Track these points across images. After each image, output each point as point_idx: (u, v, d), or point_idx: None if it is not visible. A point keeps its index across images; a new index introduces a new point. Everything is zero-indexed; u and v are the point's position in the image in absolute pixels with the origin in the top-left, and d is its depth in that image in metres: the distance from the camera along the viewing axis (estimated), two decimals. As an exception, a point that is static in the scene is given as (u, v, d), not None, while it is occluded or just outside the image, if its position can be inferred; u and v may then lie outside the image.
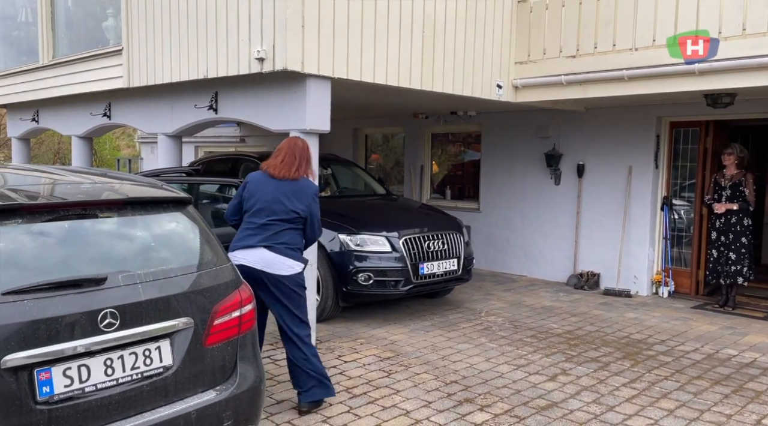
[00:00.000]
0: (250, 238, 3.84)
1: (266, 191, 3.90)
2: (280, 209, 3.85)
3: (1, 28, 9.29)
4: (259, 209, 3.87)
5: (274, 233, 3.84)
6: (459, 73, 6.28)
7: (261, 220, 3.85)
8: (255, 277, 3.78)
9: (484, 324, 6.23)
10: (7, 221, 2.46)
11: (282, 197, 3.87)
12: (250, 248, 3.83)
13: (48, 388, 2.31)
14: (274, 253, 3.82)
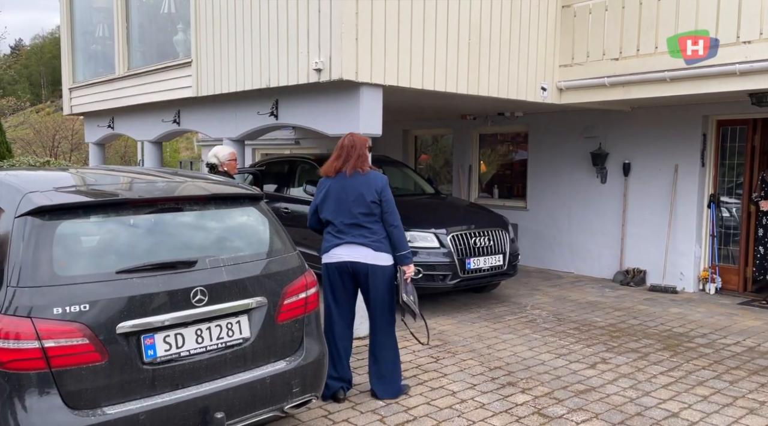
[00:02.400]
0: (337, 237, 4.14)
1: (335, 192, 4.13)
2: (354, 206, 4.05)
3: (80, 42, 10.15)
4: (335, 211, 4.14)
5: (358, 229, 4.07)
6: (504, 77, 6.58)
7: (341, 220, 4.11)
8: (351, 272, 4.11)
9: (529, 317, 6.50)
10: (118, 213, 2.97)
11: (354, 194, 4.06)
12: (339, 245, 4.13)
13: (152, 351, 2.80)
14: (364, 247, 4.06)
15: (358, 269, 4.12)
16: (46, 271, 2.62)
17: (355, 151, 4.17)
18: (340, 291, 4.22)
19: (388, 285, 4.16)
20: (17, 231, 2.69)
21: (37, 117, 34.75)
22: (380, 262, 4.10)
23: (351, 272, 4.14)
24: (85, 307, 2.61)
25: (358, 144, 4.20)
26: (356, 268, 4.12)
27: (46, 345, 2.51)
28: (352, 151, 4.17)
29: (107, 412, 2.62)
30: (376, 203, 4.07)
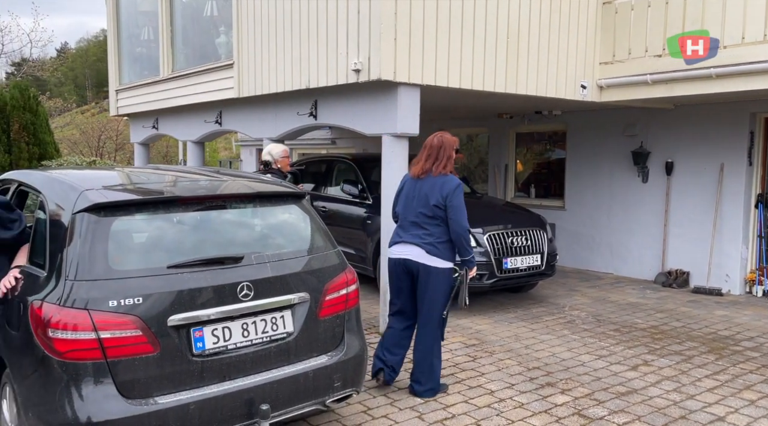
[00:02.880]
0: (398, 235, 4.25)
1: (408, 191, 4.22)
2: (418, 206, 4.10)
3: (126, 45, 10.48)
4: (403, 208, 4.25)
5: (420, 229, 4.11)
6: (543, 76, 6.52)
7: (406, 218, 4.20)
8: (405, 269, 4.18)
9: (567, 317, 6.43)
10: (167, 210, 3.09)
11: (420, 195, 4.11)
12: (398, 244, 4.23)
13: (201, 344, 2.89)
14: (417, 247, 4.09)
15: (411, 267, 4.18)
16: (102, 266, 2.75)
17: (445, 152, 4.16)
18: (396, 285, 4.31)
19: (438, 287, 4.13)
20: (74, 227, 2.82)
21: (83, 118, 35.95)
22: (432, 263, 4.09)
23: (406, 270, 4.20)
24: (138, 301, 2.72)
25: (447, 145, 4.17)
26: (409, 266, 4.18)
27: (102, 336, 2.63)
28: (441, 152, 4.16)
29: (159, 402, 2.72)
30: (439, 207, 4.06)
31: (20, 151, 11.18)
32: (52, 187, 3.25)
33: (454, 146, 4.20)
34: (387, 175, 5.76)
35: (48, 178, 3.42)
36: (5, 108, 11.14)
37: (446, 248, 4.12)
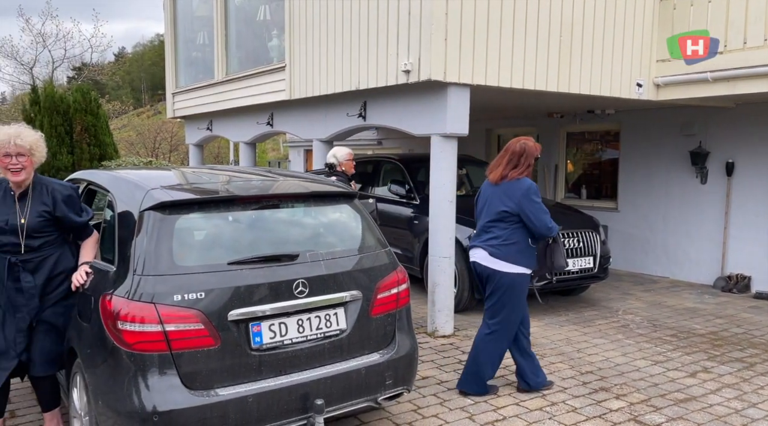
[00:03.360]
0: (474, 238, 4.27)
1: (484, 195, 4.24)
2: (491, 211, 4.10)
3: (183, 50, 10.83)
4: (479, 212, 4.28)
5: (487, 233, 4.12)
6: (597, 74, 6.39)
7: (481, 222, 4.23)
8: (481, 273, 4.20)
9: (621, 322, 6.28)
10: (227, 209, 3.19)
11: (492, 199, 4.11)
12: (471, 248, 4.26)
13: (259, 338, 2.98)
14: (488, 253, 4.09)
15: (478, 270, 4.20)
16: (167, 261, 2.86)
17: (526, 160, 4.10)
18: (480, 287, 4.33)
19: (502, 290, 4.09)
20: (141, 224, 2.95)
21: (139, 120, 37.32)
22: (497, 266, 4.07)
23: (478, 273, 4.22)
24: (200, 295, 2.82)
25: (529, 153, 4.11)
26: (478, 269, 4.20)
27: (167, 329, 2.74)
28: (522, 159, 4.10)
29: (220, 393, 2.82)
30: (508, 212, 4.02)
31: (82, 152, 11.69)
32: (119, 187, 3.41)
33: (535, 154, 4.13)
34: (435, 176, 5.77)
35: (115, 178, 3.58)
36: (68, 110, 11.68)
37: (515, 251, 4.05)
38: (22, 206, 3.22)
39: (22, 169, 3.18)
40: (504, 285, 4.08)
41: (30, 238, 3.22)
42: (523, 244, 4.07)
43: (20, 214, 3.20)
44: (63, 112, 11.57)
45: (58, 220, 3.32)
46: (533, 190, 4.03)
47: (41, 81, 23.84)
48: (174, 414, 2.71)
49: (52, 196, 3.31)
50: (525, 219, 4.00)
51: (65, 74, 34.71)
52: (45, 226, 3.27)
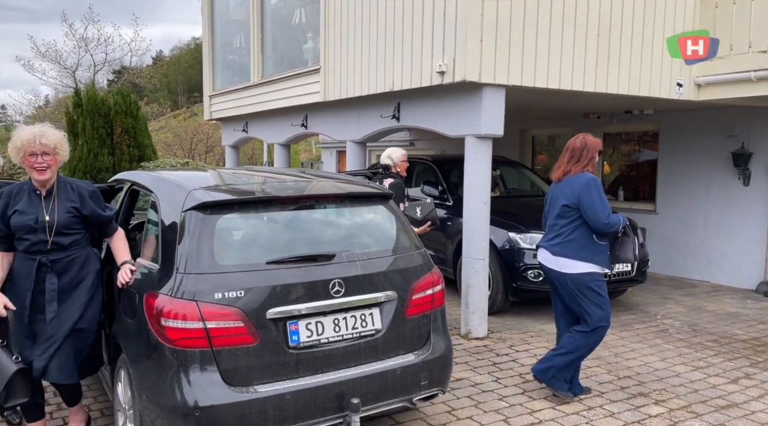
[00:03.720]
0: (541, 239, 4.21)
1: (549, 196, 4.18)
2: (553, 209, 4.05)
3: (220, 53, 11.03)
4: (546, 213, 4.24)
5: (551, 233, 4.07)
6: (635, 74, 6.28)
7: (546, 222, 4.20)
8: (548, 275, 4.15)
9: (660, 326, 6.15)
10: (265, 209, 3.24)
11: (556, 196, 4.05)
12: (539, 248, 4.21)
13: (296, 337, 3.02)
14: (550, 252, 4.04)
15: (545, 271, 4.15)
16: (208, 260, 2.93)
17: (587, 154, 4.01)
18: (553, 290, 4.25)
19: (571, 290, 3.97)
20: (184, 224, 3.02)
21: (175, 122, 38.10)
22: (560, 267, 3.99)
23: (546, 274, 4.19)
24: (240, 294, 2.88)
25: (590, 146, 4.02)
26: (544, 270, 4.16)
27: (208, 326, 2.81)
28: (584, 154, 4.01)
29: (258, 390, 2.87)
30: (569, 207, 3.94)
31: (122, 153, 12.02)
32: (161, 187, 3.50)
33: (597, 148, 4.03)
34: (470, 177, 5.75)
35: (157, 179, 3.68)
36: (109, 113, 12.02)
37: (577, 247, 3.94)
38: (48, 205, 3.25)
39: (47, 167, 3.21)
40: (573, 286, 3.96)
41: (60, 236, 3.24)
42: (586, 239, 3.93)
43: (49, 212, 3.23)
44: (104, 114, 11.92)
45: (85, 218, 3.35)
46: (593, 184, 3.90)
47: (83, 84, 24.57)
48: (215, 409, 2.77)
49: (78, 193, 3.35)
50: (582, 213, 3.90)
51: (105, 77, 35.70)
52: (73, 224, 3.30)
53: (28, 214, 3.20)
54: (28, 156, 3.18)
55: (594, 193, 3.88)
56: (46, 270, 3.23)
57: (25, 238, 3.21)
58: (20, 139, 3.19)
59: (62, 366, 3.25)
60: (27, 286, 3.21)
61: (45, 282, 3.22)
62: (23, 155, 3.19)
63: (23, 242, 3.23)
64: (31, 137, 3.18)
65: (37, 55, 28.39)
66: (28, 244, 3.22)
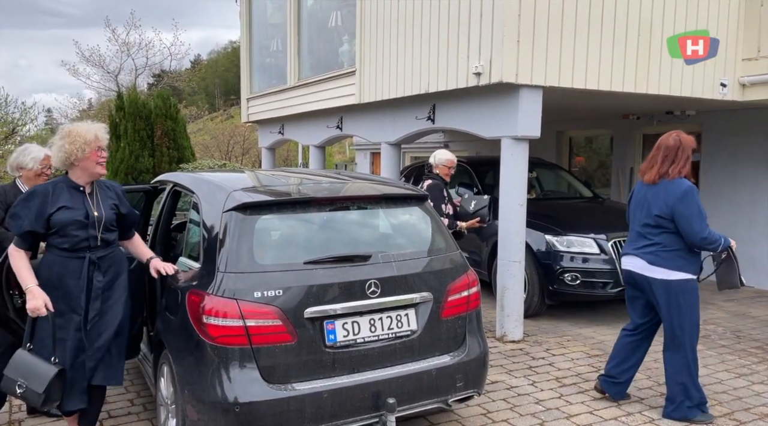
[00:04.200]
0: (628, 245, 4.00)
1: (637, 197, 3.95)
2: (647, 214, 3.80)
3: (257, 57, 11.22)
4: (631, 216, 4.00)
5: (644, 239, 3.83)
6: (677, 74, 6.14)
7: (634, 226, 3.94)
8: (631, 280, 3.98)
9: (702, 332, 5.96)
10: (303, 210, 3.30)
11: (649, 201, 3.80)
12: (624, 255, 4.03)
13: (333, 336, 3.06)
14: (645, 261, 3.81)
15: (636, 279, 3.94)
16: (248, 260, 3.00)
17: (683, 153, 3.79)
18: (627, 293, 4.11)
19: (670, 300, 3.79)
20: (225, 224, 3.10)
21: (213, 124, 38.85)
22: (656, 274, 3.79)
23: (632, 281, 3.98)
24: (279, 293, 2.94)
25: (685, 145, 3.80)
26: (634, 278, 3.94)
27: (248, 324, 2.87)
28: (679, 153, 3.79)
29: (296, 388, 2.92)
30: (663, 217, 3.73)
31: (162, 155, 12.34)
32: (202, 188, 3.59)
33: (692, 146, 3.81)
34: (506, 179, 5.72)
35: (198, 180, 3.77)
36: (150, 116, 12.36)
37: (677, 256, 3.73)
38: (93, 201, 3.18)
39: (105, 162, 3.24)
40: (670, 294, 3.77)
41: (107, 232, 3.19)
42: (682, 248, 3.74)
43: (95, 208, 3.17)
44: (145, 117, 12.26)
45: (121, 216, 3.32)
46: (691, 195, 3.67)
47: (125, 88, 25.27)
48: (254, 406, 2.83)
49: (114, 191, 3.34)
50: (677, 225, 3.69)
51: (146, 81, 36.66)
52: (115, 221, 3.27)
53: (77, 210, 3.10)
54: (96, 150, 3.12)
55: (692, 205, 3.66)
56: (93, 268, 3.15)
57: (73, 235, 3.08)
58: (92, 132, 3.12)
59: (110, 367, 3.21)
60: (79, 285, 3.10)
61: (93, 280, 3.14)
62: (92, 149, 3.10)
63: (69, 239, 3.08)
64: (102, 132, 3.16)
65: (81, 60, 29.38)
66: (76, 241, 3.09)
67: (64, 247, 3.10)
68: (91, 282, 3.15)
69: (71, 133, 3.10)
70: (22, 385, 2.97)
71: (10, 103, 13.75)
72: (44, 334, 3.07)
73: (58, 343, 3.07)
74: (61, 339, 3.08)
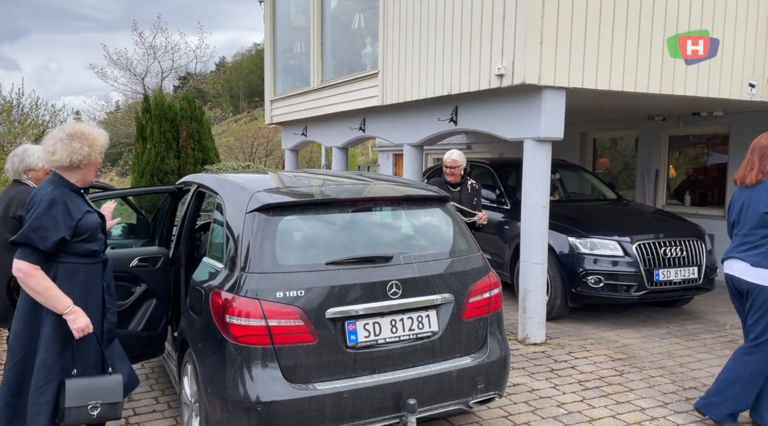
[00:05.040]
0: (730, 249, 3.86)
1: (738, 202, 3.83)
2: (752, 215, 3.69)
3: (281, 59, 11.33)
4: (732, 221, 3.89)
5: (746, 243, 3.72)
6: (704, 74, 6.04)
7: (739, 230, 3.82)
8: (733, 288, 3.85)
9: (729, 337, 5.88)
10: (325, 211, 3.33)
11: (752, 203, 3.69)
12: (726, 259, 3.90)
13: (354, 336, 3.08)
14: (749, 263, 3.68)
15: (735, 284, 3.80)
16: (271, 260, 3.03)
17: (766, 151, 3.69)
18: (734, 305, 3.94)
19: (763, 308, 3.63)
20: (247, 225, 3.14)
21: (237, 126, 39.28)
22: (755, 279, 3.65)
23: (734, 288, 3.84)
24: (301, 293, 2.97)
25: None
26: (734, 283, 3.81)
27: (270, 324, 2.90)
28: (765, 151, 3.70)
29: (318, 388, 2.95)
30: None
31: (187, 157, 12.53)
32: (226, 189, 3.64)
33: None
34: (528, 181, 5.68)
35: (222, 181, 3.83)
36: (176, 118, 12.55)
37: None
38: (90, 203, 3.09)
39: None
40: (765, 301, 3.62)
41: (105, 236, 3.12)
42: None
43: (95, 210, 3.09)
44: (171, 119, 12.46)
45: None
46: None
47: (151, 90, 25.72)
48: (276, 405, 2.86)
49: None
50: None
51: (171, 84, 37.26)
52: None
53: (94, 213, 3.02)
54: (100, 156, 3.01)
55: None
56: (110, 269, 3.13)
57: (99, 238, 3.00)
58: (105, 138, 3.05)
59: (131, 370, 3.22)
60: (101, 288, 3.04)
61: (111, 280, 3.13)
62: (96, 156, 2.98)
63: (96, 243, 2.98)
64: (103, 138, 3.05)
65: (109, 63, 29.96)
66: (100, 244, 3.02)
67: (94, 249, 2.97)
68: (110, 282, 3.13)
69: (87, 135, 2.94)
70: (97, 406, 2.83)
71: (41, 106, 14.08)
72: (88, 352, 2.93)
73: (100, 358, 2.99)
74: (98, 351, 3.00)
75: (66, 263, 2.89)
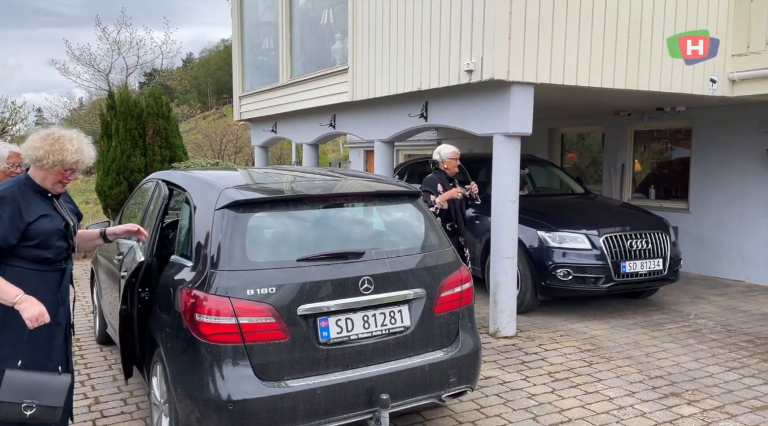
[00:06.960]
0: None
1: None
2: None
3: (249, 55, 11.18)
4: None
5: None
6: (667, 70, 6.18)
7: None
8: None
9: (693, 326, 6.05)
10: (296, 208, 3.30)
11: None
12: None
13: (326, 333, 3.07)
14: None
15: None
16: (240, 257, 3.00)
17: None
18: None
19: None
20: (217, 222, 3.10)
21: (205, 123, 38.71)
22: None
23: None
24: (272, 290, 2.94)
25: None
26: None
27: (241, 321, 2.87)
28: None
29: (290, 385, 2.93)
30: None
31: (154, 154, 12.27)
32: (194, 186, 3.58)
33: None
34: (498, 176, 5.74)
35: (190, 178, 3.77)
36: (142, 115, 12.29)
37: None
38: (59, 208, 2.88)
39: None
40: None
41: (73, 239, 2.95)
42: None
43: (65, 215, 2.89)
44: (137, 116, 12.18)
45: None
46: None
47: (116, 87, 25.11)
48: (247, 403, 2.83)
49: (67, 194, 3.05)
50: None
51: (137, 80, 36.50)
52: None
53: (56, 218, 2.81)
54: (65, 169, 2.76)
55: None
56: (67, 280, 2.91)
57: (56, 245, 2.79)
58: (76, 156, 2.75)
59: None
60: (55, 299, 2.83)
61: (67, 293, 2.93)
62: (62, 167, 2.73)
63: (50, 250, 2.77)
64: (89, 159, 2.82)
65: (72, 59, 29.20)
66: (56, 252, 2.80)
67: (46, 256, 2.77)
68: (65, 295, 2.92)
69: (59, 141, 2.73)
70: (32, 406, 2.61)
71: (0, 103, 13.65)
72: (39, 345, 2.77)
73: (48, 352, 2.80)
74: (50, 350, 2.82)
75: (13, 266, 2.72)
